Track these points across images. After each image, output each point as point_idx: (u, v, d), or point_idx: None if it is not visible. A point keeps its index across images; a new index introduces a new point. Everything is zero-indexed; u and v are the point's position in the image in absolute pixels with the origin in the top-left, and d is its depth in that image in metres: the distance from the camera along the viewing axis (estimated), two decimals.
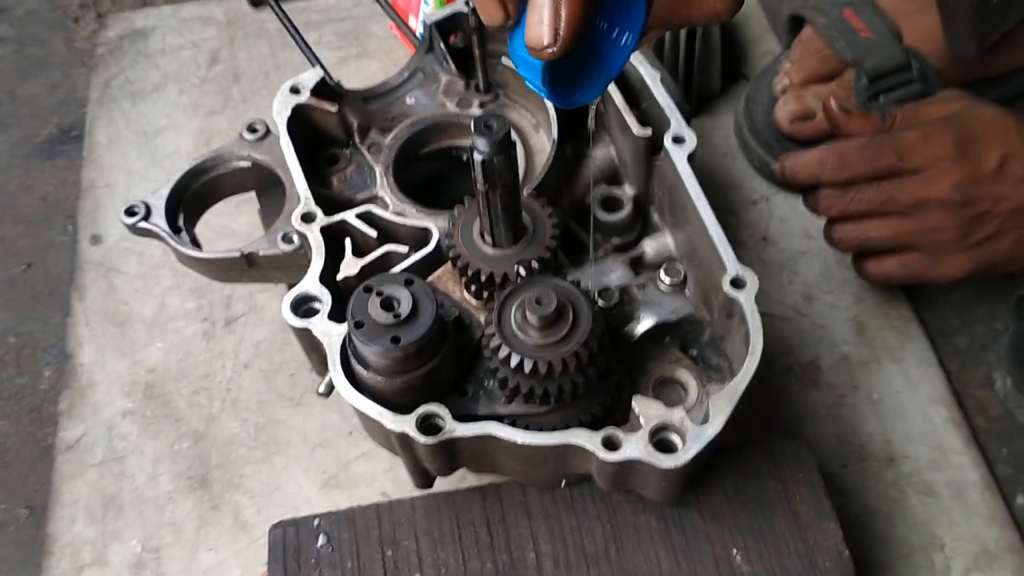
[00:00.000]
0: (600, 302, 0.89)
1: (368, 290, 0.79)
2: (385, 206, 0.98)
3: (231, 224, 1.26)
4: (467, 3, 1.00)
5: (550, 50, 0.62)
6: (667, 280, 0.93)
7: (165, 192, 1.00)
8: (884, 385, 1.13)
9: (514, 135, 1.02)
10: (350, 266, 0.90)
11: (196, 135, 1.40)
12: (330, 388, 0.85)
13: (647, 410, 0.80)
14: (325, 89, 1.01)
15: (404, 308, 0.78)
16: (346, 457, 1.09)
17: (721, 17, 0.69)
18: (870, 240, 1.06)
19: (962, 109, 1.05)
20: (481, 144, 0.75)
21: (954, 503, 1.05)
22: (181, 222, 1.01)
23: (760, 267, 1.21)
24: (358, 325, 0.78)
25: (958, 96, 1.09)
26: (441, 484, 0.92)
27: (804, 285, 1.21)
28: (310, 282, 0.87)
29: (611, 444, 0.78)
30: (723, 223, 0.88)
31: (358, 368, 0.81)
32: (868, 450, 1.08)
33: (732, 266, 0.85)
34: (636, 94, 0.98)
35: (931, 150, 1.01)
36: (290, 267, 0.97)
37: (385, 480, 1.07)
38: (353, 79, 1.41)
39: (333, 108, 0.99)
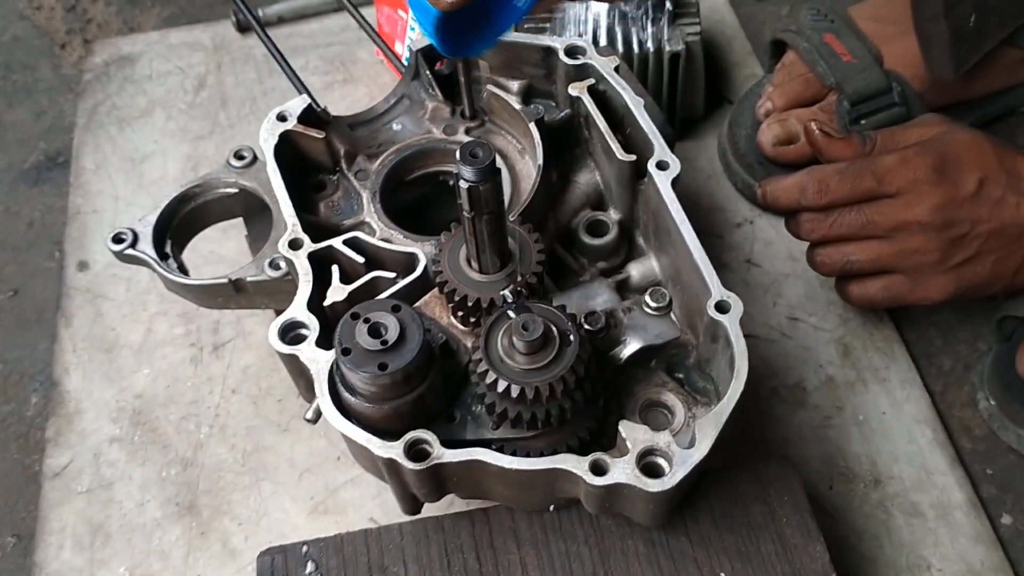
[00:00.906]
0: (586, 326, 0.90)
1: (355, 317, 0.79)
2: (372, 232, 0.98)
3: (218, 249, 1.27)
4: None
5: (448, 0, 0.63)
6: (653, 304, 0.93)
7: (152, 219, 1.00)
8: (869, 406, 1.13)
9: (500, 161, 1.03)
10: (337, 292, 0.90)
11: (183, 160, 1.40)
12: (318, 414, 0.86)
13: (634, 434, 0.80)
14: (312, 116, 1.01)
15: (391, 334, 0.78)
16: (334, 483, 1.09)
17: None
18: (851, 263, 1.07)
19: (940, 133, 1.07)
20: (467, 172, 0.76)
21: (940, 524, 1.05)
22: (168, 249, 1.01)
23: (745, 289, 1.22)
24: (345, 352, 0.78)
25: (937, 120, 1.11)
26: (429, 509, 0.92)
27: (789, 307, 1.22)
28: (297, 308, 0.88)
29: (598, 469, 0.79)
30: (708, 246, 0.88)
31: (345, 394, 0.81)
32: (854, 471, 1.09)
33: (716, 290, 0.85)
34: (620, 120, 0.99)
35: (910, 173, 1.02)
36: (277, 293, 0.98)
37: (373, 506, 1.07)
38: (339, 104, 1.42)
39: (320, 135, 1.00)
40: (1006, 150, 1.05)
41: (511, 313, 0.80)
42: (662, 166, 0.93)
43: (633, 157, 0.95)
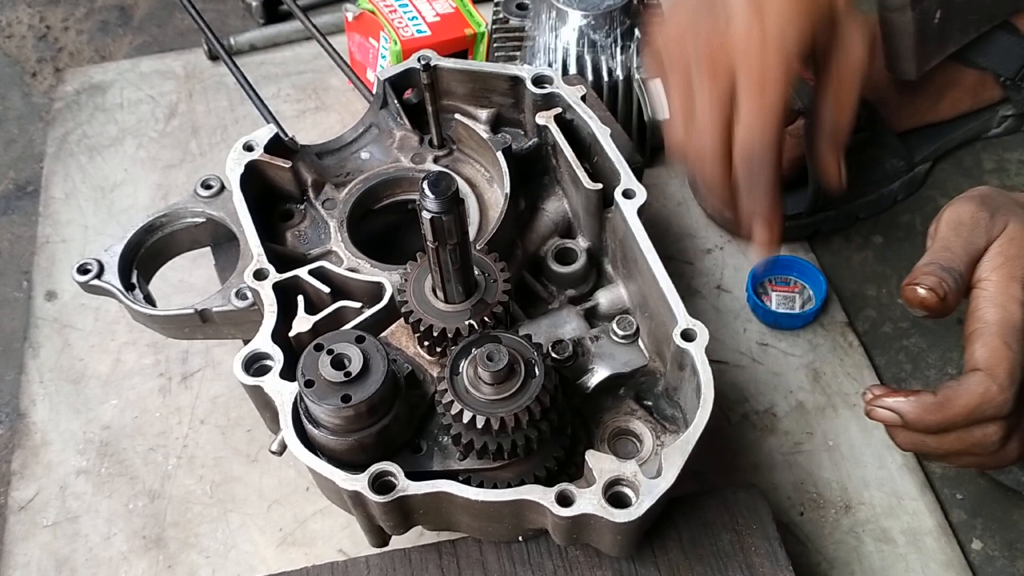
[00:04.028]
0: (553, 355, 0.90)
1: (319, 348, 0.79)
2: (339, 261, 0.98)
3: (188, 278, 1.26)
4: (419, 60, 1.01)
5: None
6: (620, 332, 0.93)
7: (118, 249, 0.99)
8: (839, 431, 1.13)
9: (468, 189, 1.03)
10: (302, 323, 0.89)
11: (153, 189, 1.40)
12: (283, 446, 0.85)
13: (600, 464, 0.80)
14: (279, 145, 1.01)
15: (355, 366, 0.78)
16: (303, 514, 1.08)
17: None
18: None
19: None
20: (429, 203, 0.76)
21: (910, 549, 1.05)
22: (135, 279, 1.00)
23: (715, 315, 1.22)
24: (308, 384, 0.77)
25: None
26: (398, 541, 0.92)
27: (759, 332, 1.22)
28: (262, 340, 0.87)
29: (565, 500, 0.78)
30: (678, 272, 0.89)
31: (310, 426, 0.81)
32: (825, 497, 1.09)
33: (682, 318, 0.85)
34: (587, 148, 1.00)
35: None
36: (245, 323, 0.97)
37: (342, 537, 1.06)
38: (311, 132, 1.42)
39: (286, 164, 1.00)
40: None
41: (473, 349, 0.80)
42: (628, 194, 0.93)
43: (599, 186, 0.95)
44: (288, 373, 0.84)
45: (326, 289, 0.92)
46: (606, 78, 1.26)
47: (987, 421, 0.85)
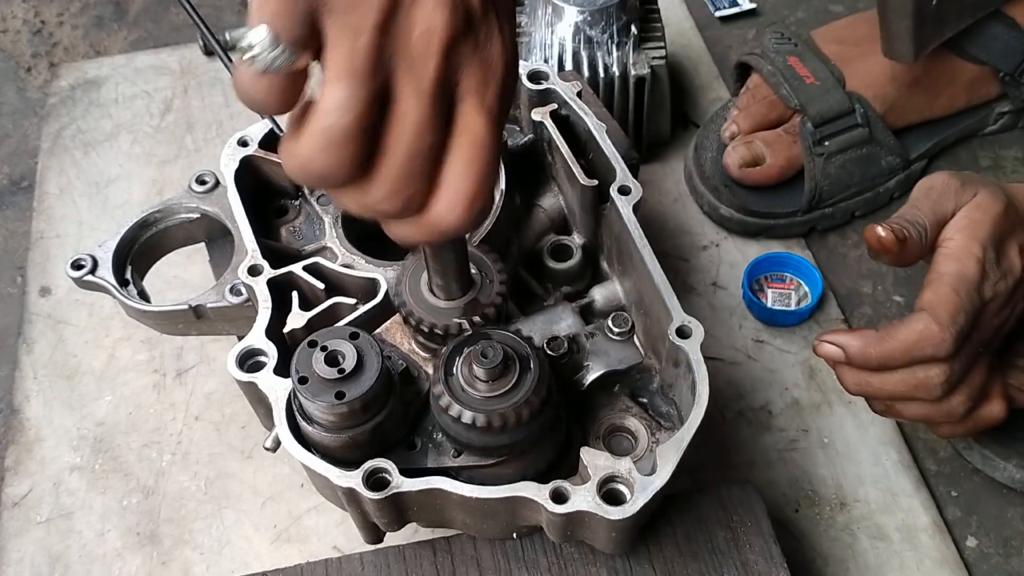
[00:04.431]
0: (549, 352, 0.90)
1: (312, 345, 0.79)
2: (334, 257, 0.98)
3: (182, 274, 1.26)
4: None
5: None
6: (615, 329, 0.93)
7: (112, 245, 0.99)
8: (835, 428, 1.13)
9: None
10: (297, 319, 0.89)
11: (148, 185, 1.39)
12: (277, 443, 0.85)
13: (595, 461, 0.80)
14: (274, 141, 1.01)
15: (349, 363, 0.77)
16: (297, 510, 1.08)
17: None
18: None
19: None
20: None
21: (905, 546, 1.05)
22: (129, 275, 1.00)
23: (711, 312, 1.22)
24: (302, 381, 0.77)
25: None
26: (392, 538, 0.91)
27: (755, 329, 1.22)
28: (256, 336, 0.87)
29: (559, 497, 0.78)
30: (674, 269, 0.89)
31: (304, 423, 0.80)
32: (820, 494, 1.09)
33: (677, 315, 0.85)
34: (583, 145, 0.99)
35: None
36: (239, 319, 0.97)
37: (337, 533, 1.06)
38: None
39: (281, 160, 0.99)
40: None
41: (466, 347, 0.79)
42: (624, 191, 0.93)
43: (595, 182, 0.95)
44: (282, 369, 0.84)
45: (320, 285, 0.91)
46: (602, 74, 1.26)
47: (928, 362, 0.89)
